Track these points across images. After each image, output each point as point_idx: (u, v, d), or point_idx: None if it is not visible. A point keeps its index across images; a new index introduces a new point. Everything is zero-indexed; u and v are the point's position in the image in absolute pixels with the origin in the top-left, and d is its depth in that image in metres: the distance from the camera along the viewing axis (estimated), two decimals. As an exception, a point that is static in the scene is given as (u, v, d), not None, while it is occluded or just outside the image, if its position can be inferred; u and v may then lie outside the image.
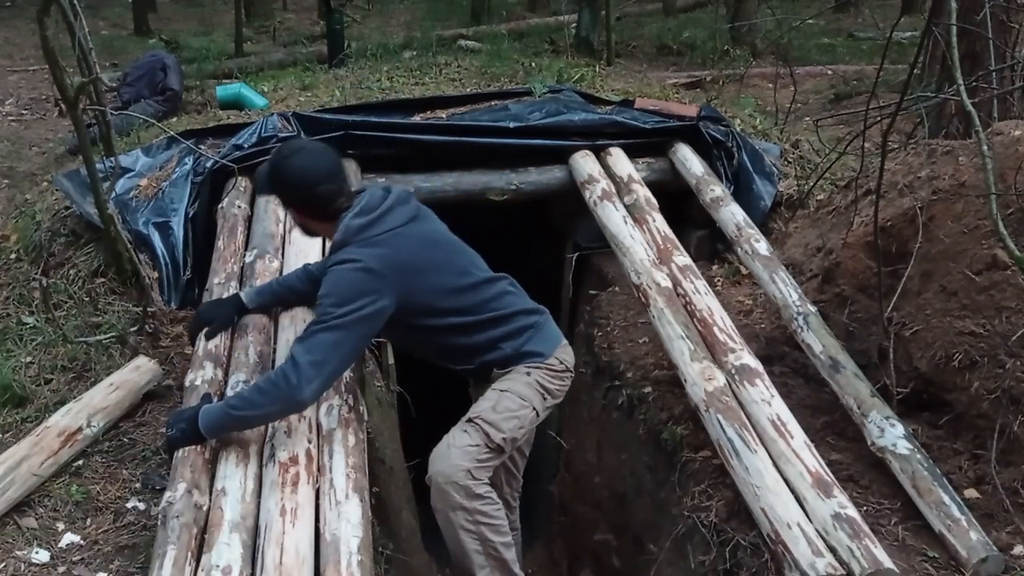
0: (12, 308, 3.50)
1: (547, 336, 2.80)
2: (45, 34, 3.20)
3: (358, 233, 2.51)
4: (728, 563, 2.57)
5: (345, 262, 2.45)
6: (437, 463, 2.60)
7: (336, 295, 2.42)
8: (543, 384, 2.73)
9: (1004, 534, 2.50)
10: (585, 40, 8.28)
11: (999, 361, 2.70)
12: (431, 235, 2.69)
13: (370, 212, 2.55)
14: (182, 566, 2.06)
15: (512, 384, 2.70)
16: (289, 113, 4.10)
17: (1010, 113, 4.53)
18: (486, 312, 2.69)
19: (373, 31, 10.68)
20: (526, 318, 2.76)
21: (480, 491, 2.59)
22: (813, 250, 3.84)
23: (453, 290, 2.64)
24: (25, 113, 8.26)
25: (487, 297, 2.71)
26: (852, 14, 11.67)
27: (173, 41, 10.42)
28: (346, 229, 2.52)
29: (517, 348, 2.72)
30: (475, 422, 2.63)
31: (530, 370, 2.72)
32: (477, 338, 2.70)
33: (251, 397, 2.37)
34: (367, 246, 2.49)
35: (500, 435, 2.62)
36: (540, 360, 2.73)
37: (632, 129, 4.35)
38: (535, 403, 2.71)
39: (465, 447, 2.60)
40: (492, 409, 2.65)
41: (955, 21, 2.77)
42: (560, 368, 2.78)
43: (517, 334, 2.73)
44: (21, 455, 2.59)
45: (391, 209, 2.58)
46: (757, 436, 2.66)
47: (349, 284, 2.43)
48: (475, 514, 2.59)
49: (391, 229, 2.54)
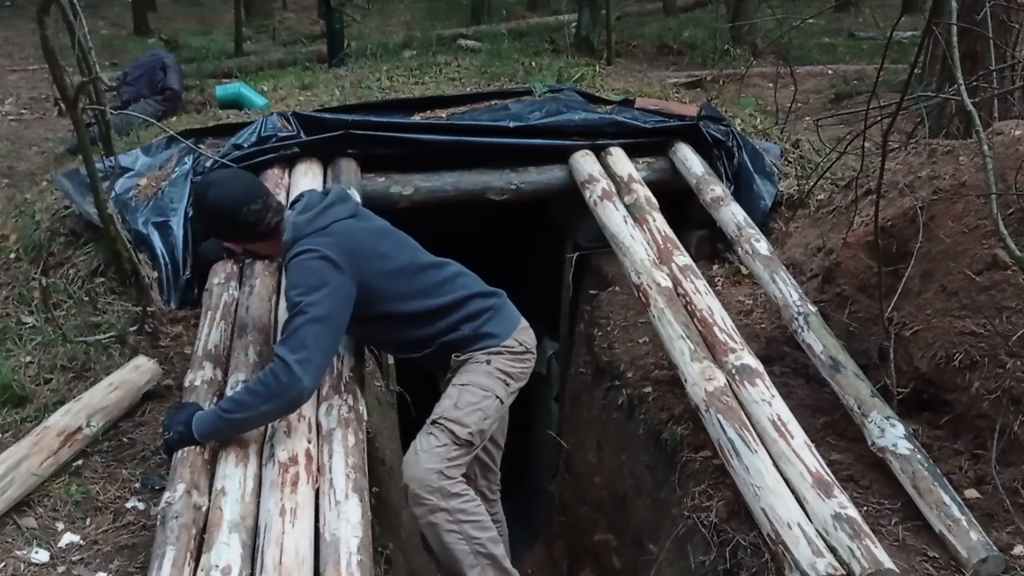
0: (12, 308, 3.49)
1: (505, 318, 2.82)
2: (45, 33, 3.20)
3: (306, 227, 2.56)
4: (728, 563, 2.57)
5: (301, 253, 2.50)
6: (408, 469, 2.62)
7: (301, 285, 2.45)
8: (503, 370, 2.75)
9: (1004, 534, 2.50)
10: (585, 39, 8.29)
11: (999, 361, 2.70)
12: (375, 227, 2.75)
13: (312, 208, 2.61)
14: (181, 567, 2.06)
15: (472, 376, 2.72)
16: (289, 113, 4.09)
17: (1010, 113, 4.53)
18: (443, 295, 2.72)
19: (373, 30, 10.70)
20: (484, 300, 2.79)
21: (456, 490, 2.61)
22: (813, 250, 3.83)
23: (406, 273, 2.67)
24: (25, 112, 8.26)
25: (441, 279, 2.74)
26: (852, 14, 11.68)
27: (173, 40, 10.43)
28: (293, 227, 2.57)
29: (475, 329, 2.74)
30: (439, 423, 2.65)
31: (489, 357, 2.73)
32: (439, 323, 2.72)
33: (243, 400, 2.38)
34: (317, 236, 2.53)
35: (466, 430, 2.64)
36: (497, 342, 2.75)
37: (632, 129, 4.35)
38: (497, 391, 2.72)
39: (433, 449, 2.61)
40: (454, 406, 2.67)
41: (955, 21, 2.77)
42: (520, 350, 2.80)
43: (475, 316, 2.75)
44: (21, 455, 2.59)
45: (332, 204, 2.64)
46: (757, 436, 2.66)
47: (311, 272, 2.46)
48: (455, 513, 2.59)
49: (336, 221, 2.59)
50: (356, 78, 5.78)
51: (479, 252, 3.49)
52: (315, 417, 2.51)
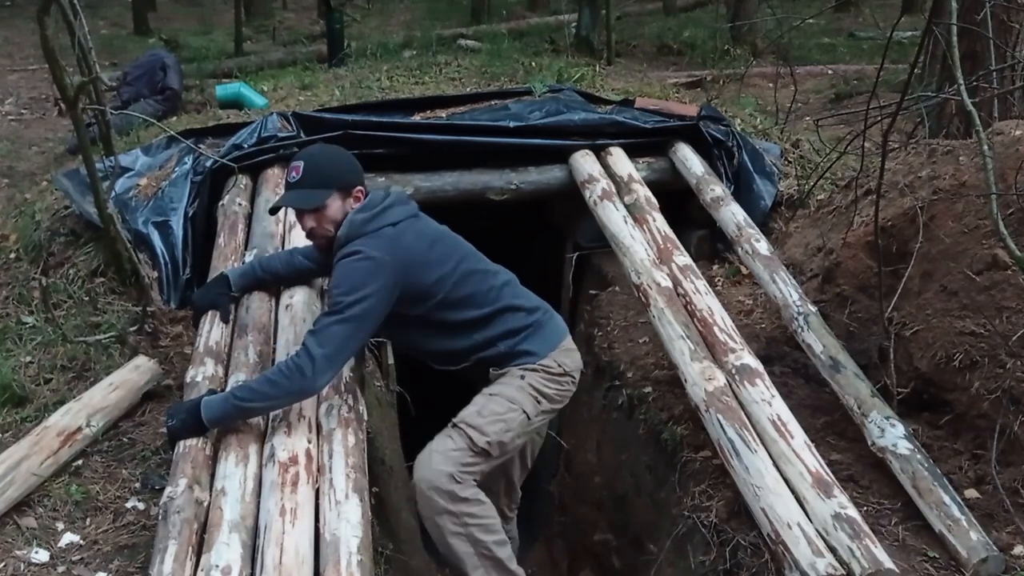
0: (12, 308, 3.49)
1: (545, 336, 2.77)
2: (45, 33, 3.20)
3: (362, 227, 2.58)
4: (728, 563, 2.57)
5: (352, 254, 2.52)
6: (420, 469, 2.61)
7: (345, 285, 2.49)
8: (537, 388, 2.71)
9: (1004, 534, 2.50)
10: (585, 39, 8.30)
11: (999, 361, 2.70)
12: (430, 232, 2.74)
13: (372, 208, 2.62)
14: (183, 561, 2.06)
15: (503, 388, 2.70)
16: (289, 113, 4.09)
17: (1010, 113, 4.53)
18: (484, 306, 2.70)
19: (373, 30, 10.71)
20: (526, 316, 2.76)
21: (465, 494, 2.59)
22: (813, 250, 3.83)
23: (451, 281, 2.66)
24: (25, 112, 8.26)
25: (486, 288, 2.72)
26: (852, 14, 11.68)
27: (173, 40, 10.45)
28: (350, 224, 2.59)
29: (512, 347, 2.72)
30: (458, 426, 2.64)
31: (524, 373, 2.71)
32: (475, 336, 2.70)
33: (262, 389, 2.39)
34: (371, 238, 2.56)
35: (484, 439, 2.62)
36: (534, 360, 2.71)
37: (632, 129, 4.35)
38: (525, 406, 2.68)
39: (447, 451, 2.60)
40: (477, 413, 2.66)
41: (955, 21, 2.77)
42: (558, 371, 2.74)
43: (514, 332, 2.72)
44: (21, 455, 2.59)
45: (392, 206, 2.66)
46: (757, 436, 2.66)
47: (357, 274, 2.49)
48: (462, 516, 2.58)
49: (393, 223, 2.61)
50: (356, 78, 5.79)
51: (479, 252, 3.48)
52: (315, 417, 2.50)
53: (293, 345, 2.71)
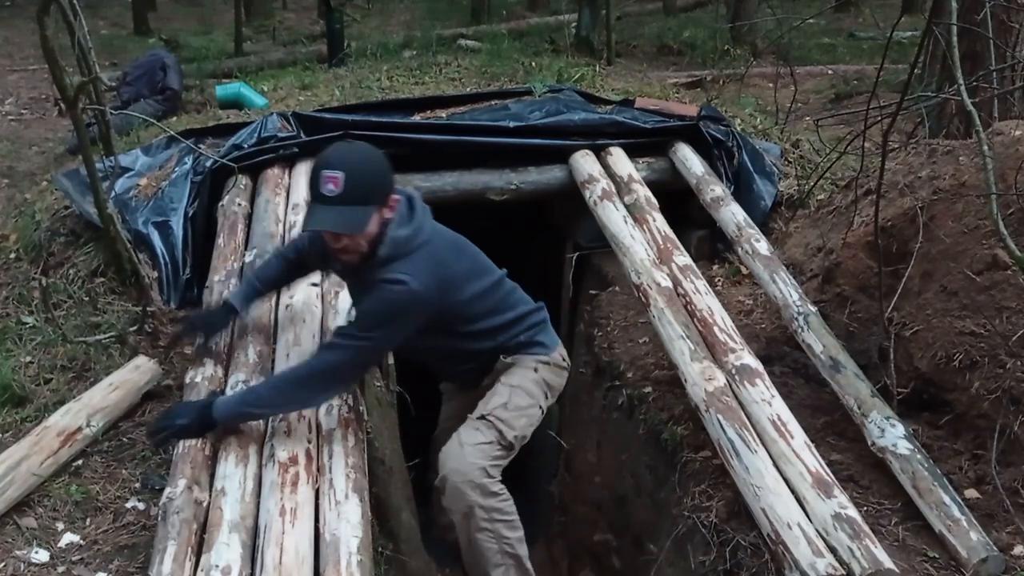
0: (12, 308, 3.49)
1: (551, 331, 2.87)
2: (45, 33, 3.20)
3: (405, 245, 2.40)
4: (728, 563, 2.56)
5: (395, 282, 2.34)
6: (451, 461, 2.58)
7: (380, 313, 2.38)
8: (547, 381, 2.77)
9: (1004, 534, 2.49)
10: (585, 39, 8.29)
11: (999, 361, 2.70)
12: (454, 243, 2.63)
13: (408, 221, 2.44)
14: (182, 561, 2.07)
15: (522, 380, 2.71)
16: (289, 113, 4.09)
17: (1010, 113, 4.53)
18: (506, 311, 2.73)
19: (373, 30, 10.70)
20: (537, 314, 2.82)
21: (495, 488, 2.60)
22: (813, 250, 3.83)
23: (481, 295, 2.64)
24: (25, 112, 8.26)
25: (502, 295, 2.74)
26: (852, 14, 11.68)
27: (173, 40, 10.45)
28: (394, 244, 2.39)
29: (530, 337, 2.77)
30: (488, 419, 2.62)
31: (537, 366, 2.74)
32: (499, 338, 2.73)
33: (271, 398, 2.40)
34: (414, 262, 2.39)
35: (512, 432, 2.63)
36: (547, 352, 2.78)
37: (632, 129, 4.35)
38: (540, 402, 2.74)
39: (479, 444, 2.59)
40: (504, 407, 2.66)
41: (955, 21, 2.78)
42: (563, 365, 2.84)
43: (532, 327, 2.79)
44: (21, 455, 2.59)
45: (421, 214, 2.50)
46: (757, 436, 2.66)
47: (396, 305, 2.37)
48: (491, 511, 2.58)
49: (428, 239, 2.46)
50: (356, 78, 5.78)
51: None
52: (315, 417, 2.51)
53: (293, 345, 2.72)
